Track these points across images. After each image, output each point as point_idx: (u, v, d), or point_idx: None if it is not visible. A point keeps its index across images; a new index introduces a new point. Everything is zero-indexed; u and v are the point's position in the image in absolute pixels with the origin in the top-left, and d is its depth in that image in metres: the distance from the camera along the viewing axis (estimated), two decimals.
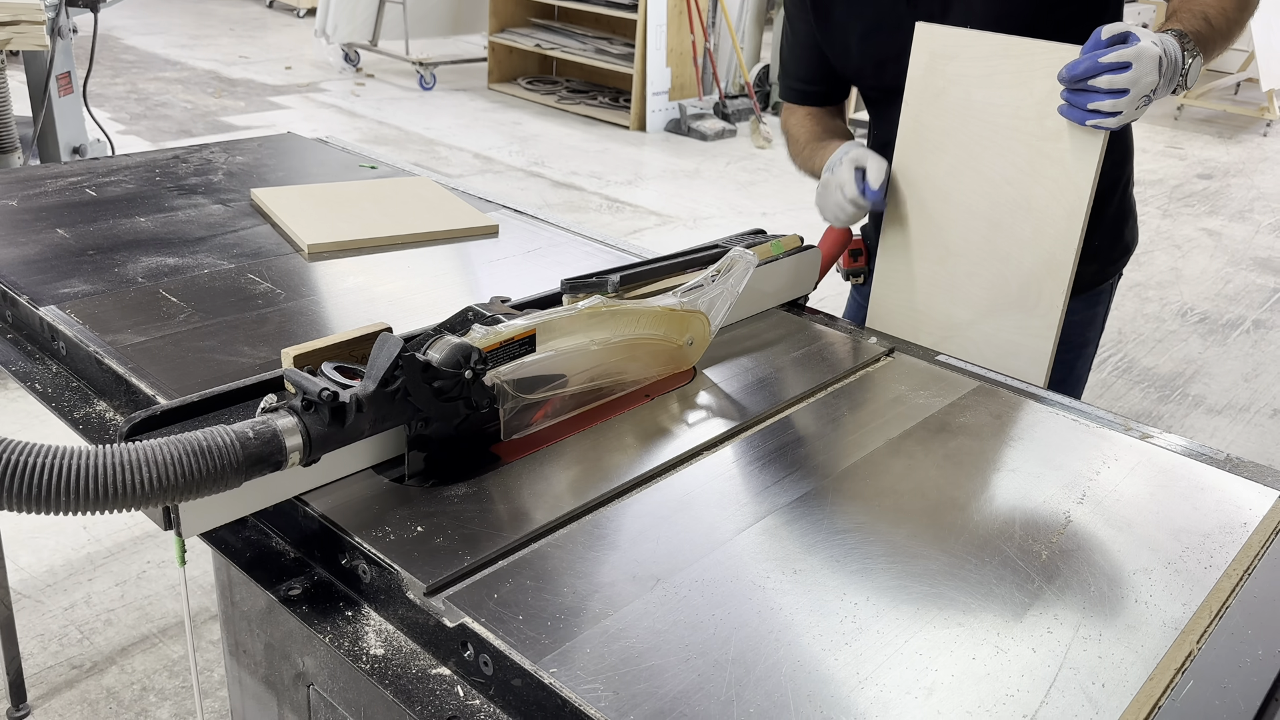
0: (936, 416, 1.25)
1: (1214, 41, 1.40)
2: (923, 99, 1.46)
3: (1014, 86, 1.37)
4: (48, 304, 1.33)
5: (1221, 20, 1.41)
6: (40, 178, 1.83)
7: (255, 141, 2.16)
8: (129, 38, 8.54)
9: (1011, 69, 1.37)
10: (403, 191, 1.87)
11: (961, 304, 1.49)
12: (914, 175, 1.50)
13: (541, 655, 0.82)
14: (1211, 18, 1.40)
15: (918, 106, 1.47)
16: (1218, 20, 1.40)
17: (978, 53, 1.40)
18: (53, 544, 2.57)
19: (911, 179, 1.50)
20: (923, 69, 1.45)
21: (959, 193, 1.46)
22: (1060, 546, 1.01)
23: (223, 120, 6.39)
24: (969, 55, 1.40)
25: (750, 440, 1.18)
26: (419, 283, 1.54)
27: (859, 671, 0.83)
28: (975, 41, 1.40)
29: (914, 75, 1.46)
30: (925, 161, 1.48)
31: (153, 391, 1.14)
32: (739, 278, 1.32)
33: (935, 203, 1.49)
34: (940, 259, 1.50)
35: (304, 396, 0.92)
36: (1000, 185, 1.41)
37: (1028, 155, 1.37)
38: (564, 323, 1.14)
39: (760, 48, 7.87)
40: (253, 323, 1.34)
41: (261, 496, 0.96)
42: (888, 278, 1.58)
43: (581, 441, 1.14)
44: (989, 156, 1.41)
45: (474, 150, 6.24)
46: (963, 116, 1.43)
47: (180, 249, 1.55)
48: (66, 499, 0.79)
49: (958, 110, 1.43)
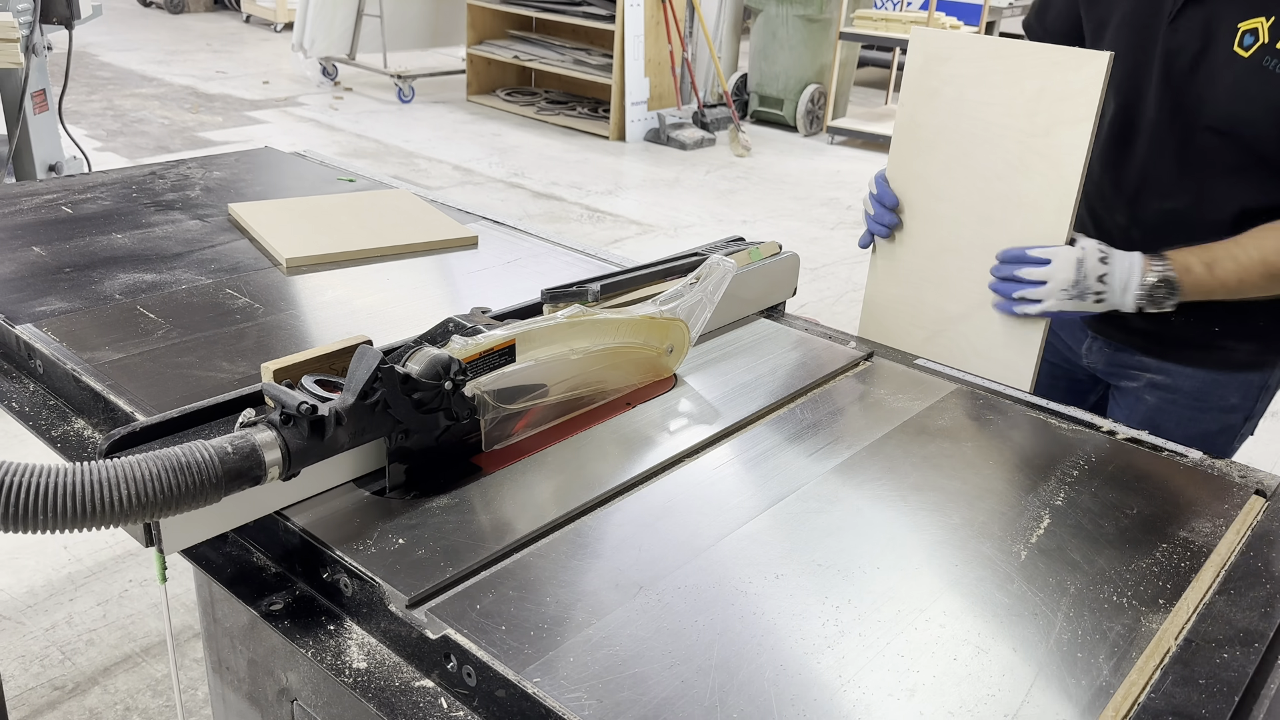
0: (915, 420, 1.26)
1: (1210, 289, 1.38)
2: (917, 99, 1.48)
3: (1005, 86, 1.39)
4: (24, 322, 1.32)
5: (1234, 278, 1.37)
6: (15, 195, 1.82)
7: (232, 156, 2.15)
8: (105, 54, 8.49)
9: (1003, 69, 1.39)
10: (381, 204, 1.87)
11: (954, 298, 1.51)
12: (908, 173, 1.52)
13: (525, 665, 0.82)
14: (1221, 271, 1.37)
15: (912, 106, 1.50)
16: (1229, 275, 1.37)
17: (971, 54, 1.43)
18: (33, 564, 2.55)
19: (905, 176, 1.53)
20: (918, 70, 1.47)
21: (951, 189, 1.48)
22: (1038, 546, 1.02)
23: (201, 136, 6.37)
24: (962, 56, 1.43)
25: (731, 446, 1.18)
26: (399, 295, 1.54)
27: (841, 674, 0.84)
28: (969, 44, 1.44)
29: (909, 76, 1.49)
30: (919, 159, 1.50)
31: (131, 408, 1.13)
32: (717, 284, 1.32)
33: (928, 199, 1.51)
34: (933, 254, 1.52)
35: (283, 410, 0.92)
36: (991, 181, 1.43)
37: (1018, 151, 1.39)
38: (544, 332, 1.14)
39: (738, 57, 7.91)
40: (231, 338, 1.33)
41: (242, 512, 0.96)
42: (882, 272, 1.59)
43: (563, 450, 1.15)
44: (980, 153, 1.43)
45: (454, 162, 6.24)
46: (955, 115, 1.45)
47: (158, 265, 1.54)
48: (45, 517, 0.79)
49: (951, 109, 1.45)
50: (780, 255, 1.58)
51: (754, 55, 7.52)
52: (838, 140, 7.33)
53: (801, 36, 7.17)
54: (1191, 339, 1.53)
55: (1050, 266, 1.37)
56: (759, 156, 6.84)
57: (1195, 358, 1.54)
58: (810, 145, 7.23)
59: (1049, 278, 1.37)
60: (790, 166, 6.67)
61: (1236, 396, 1.54)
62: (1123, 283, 1.37)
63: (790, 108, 7.41)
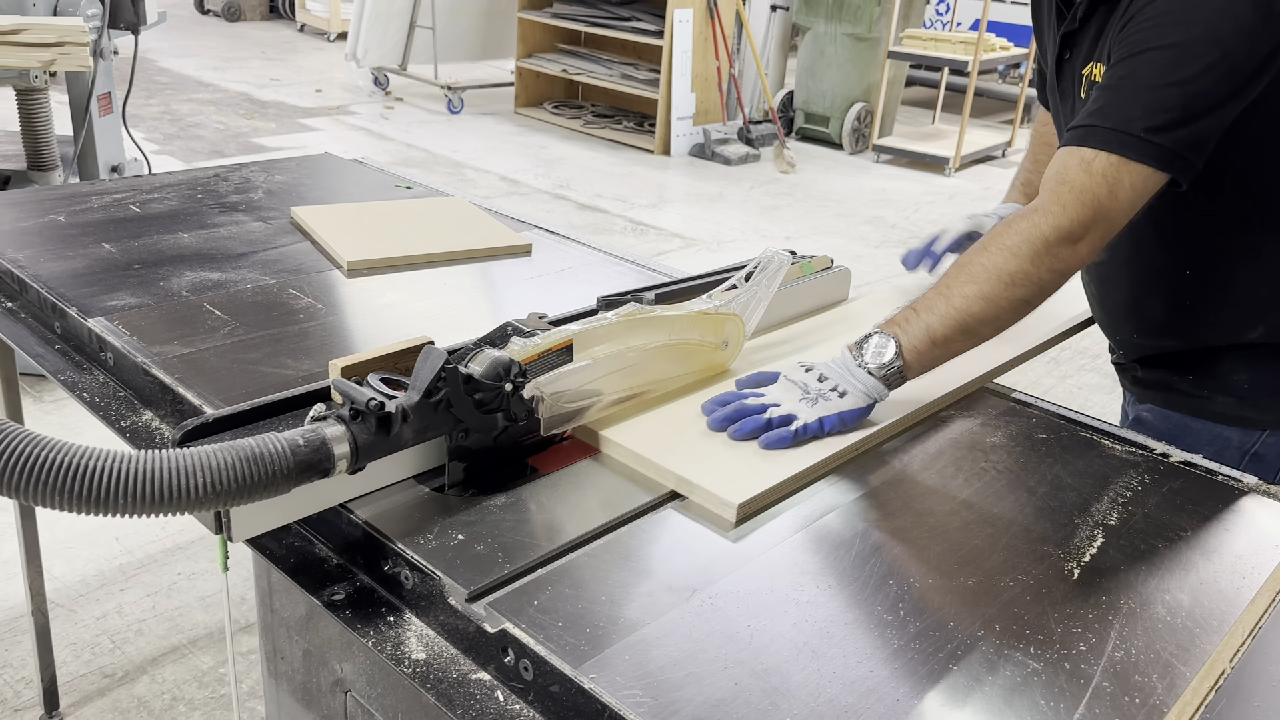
0: (969, 435, 1.26)
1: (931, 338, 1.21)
2: None
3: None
4: (96, 315, 1.37)
5: (949, 320, 1.20)
6: (86, 194, 1.88)
7: (294, 161, 2.20)
8: (163, 60, 8.69)
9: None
10: (438, 211, 1.91)
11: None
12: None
13: (581, 661, 0.84)
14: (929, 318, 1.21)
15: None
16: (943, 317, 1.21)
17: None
18: (86, 554, 2.61)
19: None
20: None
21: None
22: (1091, 564, 1.02)
23: (254, 141, 6.49)
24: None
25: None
26: (455, 299, 1.57)
27: (896, 686, 0.84)
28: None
29: None
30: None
31: (199, 401, 1.17)
32: (772, 277, 1.33)
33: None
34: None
35: (352, 406, 0.94)
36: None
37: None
38: (600, 332, 1.17)
39: (785, 74, 7.92)
40: (295, 336, 1.37)
41: (307, 504, 0.99)
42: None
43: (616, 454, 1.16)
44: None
45: (500, 173, 6.31)
46: None
47: (223, 264, 1.58)
48: (126, 501, 0.82)
49: None
50: (832, 269, 1.58)
51: (801, 72, 7.53)
52: (883, 159, 7.31)
53: (849, 55, 7.17)
54: (1158, 379, 1.47)
55: (769, 396, 1.22)
56: (803, 173, 6.84)
57: (1162, 398, 1.47)
58: (855, 163, 7.22)
59: (775, 402, 1.21)
60: (835, 184, 6.66)
61: (1208, 450, 1.33)
62: (840, 364, 1.23)
63: (836, 125, 7.40)
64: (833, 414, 1.19)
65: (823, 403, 1.20)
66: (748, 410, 1.19)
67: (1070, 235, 1.18)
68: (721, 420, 1.19)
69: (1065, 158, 1.20)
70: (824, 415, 1.19)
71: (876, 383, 1.20)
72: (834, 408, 1.19)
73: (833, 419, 1.19)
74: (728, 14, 6.97)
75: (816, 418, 1.18)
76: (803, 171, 6.87)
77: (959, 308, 1.20)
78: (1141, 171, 1.17)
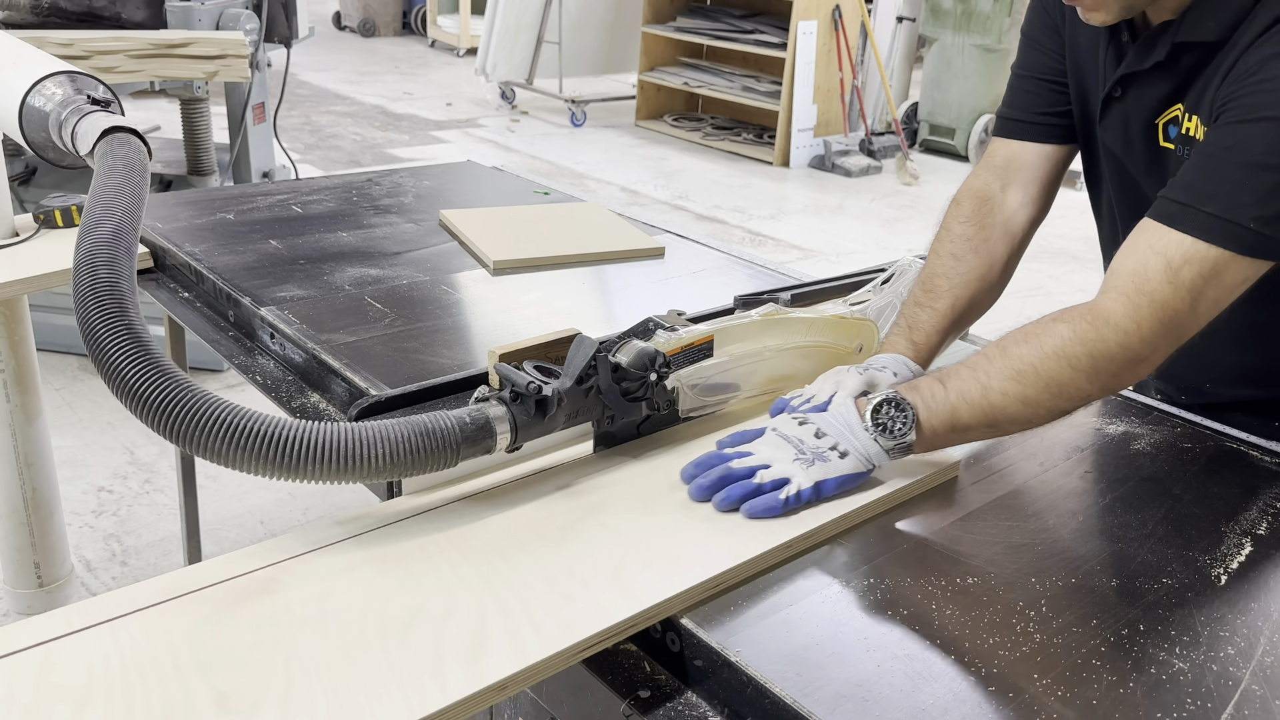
0: (1114, 441, 1.26)
1: (952, 406, 1.08)
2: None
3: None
4: (268, 305, 1.47)
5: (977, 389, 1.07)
6: (252, 195, 2.02)
7: (439, 168, 2.31)
8: (303, 73, 9.12)
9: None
10: (576, 215, 1.98)
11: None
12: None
13: (728, 637, 0.87)
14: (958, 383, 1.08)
15: None
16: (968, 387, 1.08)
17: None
18: (233, 535, 2.77)
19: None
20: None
21: None
22: (1239, 572, 1.01)
23: (388, 152, 6.76)
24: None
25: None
26: (593, 298, 1.63)
27: (1034, 678, 0.85)
28: None
29: None
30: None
31: (365, 385, 1.25)
32: (909, 286, 1.35)
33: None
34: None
35: (512, 389, 1.01)
36: None
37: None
38: (740, 329, 1.20)
39: (909, 85, 7.83)
40: (448, 328, 1.45)
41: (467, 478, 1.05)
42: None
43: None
44: None
45: (621, 184, 6.41)
46: None
47: (380, 261, 1.68)
48: (314, 467, 0.90)
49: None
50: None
51: (927, 83, 7.43)
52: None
53: (977, 66, 7.05)
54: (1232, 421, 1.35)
55: (757, 458, 1.07)
56: (926, 185, 6.74)
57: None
58: None
59: (766, 463, 1.07)
60: None
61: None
62: (844, 421, 1.08)
63: (962, 137, 7.28)
64: (832, 478, 1.05)
65: (820, 464, 1.05)
66: (733, 476, 1.04)
67: (1139, 356, 1.04)
68: (704, 490, 1.04)
69: (1148, 253, 1.04)
70: (822, 479, 1.04)
71: (880, 452, 1.06)
72: (834, 470, 1.05)
73: (831, 483, 1.05)
74: (853, 25, 6.94)
75: (813, 482, 1.04)
76: (926, 184, 6.78)
77: (995, 404, 1.06)
78: (1244, 267, 1.02)
